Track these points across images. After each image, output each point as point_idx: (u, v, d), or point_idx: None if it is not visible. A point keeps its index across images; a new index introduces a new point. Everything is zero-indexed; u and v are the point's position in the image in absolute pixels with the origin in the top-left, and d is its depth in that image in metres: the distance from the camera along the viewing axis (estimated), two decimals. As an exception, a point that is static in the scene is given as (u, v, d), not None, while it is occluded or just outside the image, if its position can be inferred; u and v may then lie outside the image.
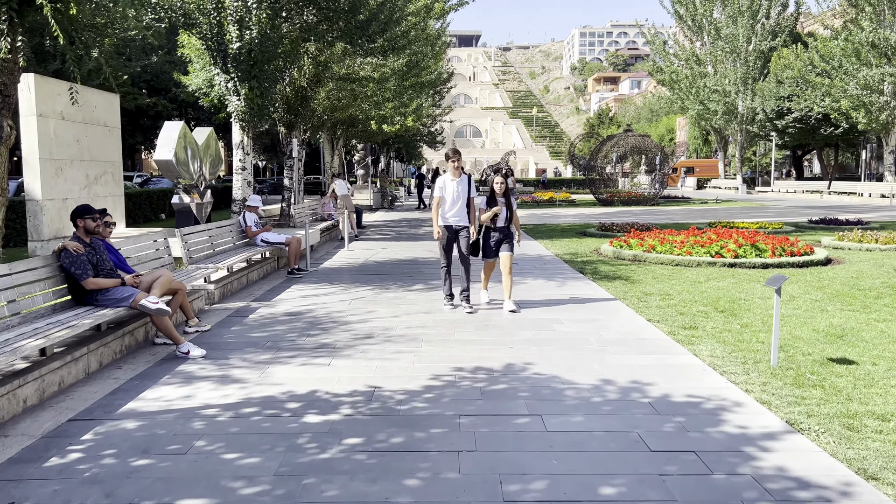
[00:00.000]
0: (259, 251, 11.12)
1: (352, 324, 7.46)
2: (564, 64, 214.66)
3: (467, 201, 8.11)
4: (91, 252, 5.98)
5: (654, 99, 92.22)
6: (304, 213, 16.54)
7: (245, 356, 6.16)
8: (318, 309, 8.30)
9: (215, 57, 14.71)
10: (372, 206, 31.07)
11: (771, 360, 5.73)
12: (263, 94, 15.19)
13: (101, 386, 5.34)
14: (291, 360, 6.00)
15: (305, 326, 7.34)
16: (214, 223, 10.53)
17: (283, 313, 8.07)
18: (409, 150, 55.57)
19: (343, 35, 16.40)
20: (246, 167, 15.33)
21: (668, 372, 5.59)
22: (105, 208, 6.62)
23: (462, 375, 5.50)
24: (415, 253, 14.10)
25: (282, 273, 11.41)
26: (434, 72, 33.81)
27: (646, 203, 32.19)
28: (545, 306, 8.33)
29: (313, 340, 6.72)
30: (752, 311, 8.04)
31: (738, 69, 46.58)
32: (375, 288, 9.81)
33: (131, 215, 22.10)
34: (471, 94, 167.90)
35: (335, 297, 9.07)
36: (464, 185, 8.09)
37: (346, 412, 4.68)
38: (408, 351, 6.29)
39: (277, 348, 6.43)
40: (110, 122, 14.25)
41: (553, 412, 4.66)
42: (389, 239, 17.27)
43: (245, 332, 7.10)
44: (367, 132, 29.73)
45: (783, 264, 11.63)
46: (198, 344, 6.56)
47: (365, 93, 21.97)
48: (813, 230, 18.50)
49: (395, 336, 6.88)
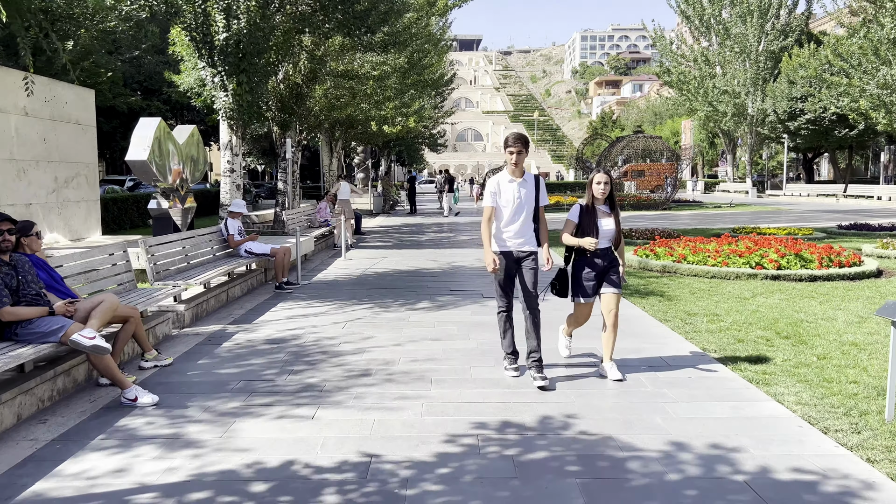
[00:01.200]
0: (243, 263, 9.83)
1: (345, 355, 6.16)
2: (566, 68, 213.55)
3: (535, 212, 5.33)
4: (9, 273, 4.68)
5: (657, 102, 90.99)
6: (296, 220, 15.23)
7: (208, 404, 4.86)
8: (305, 334, 7.00)
9: (200, 49, 13.47)
10: (372, 211, 29.79)
11: (886, 414, 4.42)
12: (253, 89, 13.95)
13: (10, 453, 4.04)
14: (265, 411, 4.70)
15: (288, 359, 6.04)
16: (190, 231, 9.24)
17: (263, 340, 6.77)
18: (411, 154, 54.30)
19: (340, 26, 15.14)
20: (235, 169, 14.08)
21: (755, 429, 4.29)
22: (32, 222, 5.31)
23: (486, 436, 4.20)
24: (418, 263, 12.80)
25: (269, 287, 10.11)
26: (436, 71, 32.59)
27: (657, 207, 30.90)
28: (576, 332, 7.02)
29: (296, 380, 5.41)
30: (821, 336, 6.74)
31: (747, 70, 45.35)
32: (374, 306, 8.51)
33: (116, 221, 20.83)
34: (472, 97, 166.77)
35: (327, 319, 7.76)
36: (529, 187, 5.26)
37: (330, 501, 3.38)
38: (413, 396, 4.99)
39: (250, 392, 5.13)
40: (84, 120, 12.97)
41: (619, 501, 3.36)
42: (390, 246, 15.98)
43: (214, 368, 5.80)
44: (367, 134, 28.48)
45: (833, 276, 10.34)
46: (154, 384, 5.27)
47: (364, 91, 20.70)
48: (844, 236, 17.20)
49: (397, 373, 5.58)
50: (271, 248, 10.00)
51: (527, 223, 5.26)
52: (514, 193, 5.22)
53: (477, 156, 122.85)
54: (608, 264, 5.41)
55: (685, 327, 7.18)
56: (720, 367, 5.68)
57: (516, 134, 5.22)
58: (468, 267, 12.13)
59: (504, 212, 5.24)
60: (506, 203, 5.23)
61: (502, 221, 5.25)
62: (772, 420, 4.46)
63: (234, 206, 10.07)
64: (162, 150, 11.02)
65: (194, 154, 12.14)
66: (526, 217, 5.25)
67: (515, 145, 5.17)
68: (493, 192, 5.26)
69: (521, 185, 5.24)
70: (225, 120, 13.83)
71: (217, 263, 9.17)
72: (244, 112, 13.84)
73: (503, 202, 5.24)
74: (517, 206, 5.21)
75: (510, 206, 5.21)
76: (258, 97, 14.46)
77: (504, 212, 5.24)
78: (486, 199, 5.27)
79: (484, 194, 5.34)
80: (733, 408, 4.69)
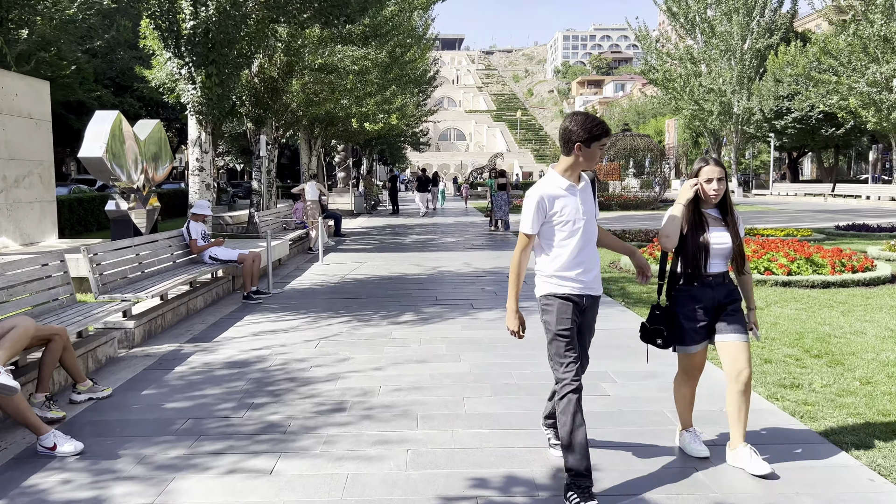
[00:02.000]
0: (208, 270, 8.90)
1: (316, 382, 5.28)
2: (548, 67, 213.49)
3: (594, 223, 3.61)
4: None
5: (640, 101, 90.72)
6: (270, 222, 14.29)
7: (145, 452, 3.97)
8: (272, 356, 6.10)
9: (166, 39, 12.49)
10: (353, 212, 28.85)
11: (975, 463, 3.63)
12: (224, 82, 13.00)
13: None
14: (214, 462, 3.81)
15: (249, 388, 5.15)
16: (146, 236, 8.30)
17: (223, 363, 5.87)
18: (393, 153, 53.35)
19: (318, 15, 14.22)
20: (204, 167, 13.11)
21: (816, 484, 3.48)
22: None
23: (487, 499, 3.35)
24: (401, 267, 11.93)
25: (236, 297, 9.19)
26: (419, 67, 31.73)
27: (645, 207, 30.26)
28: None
29: (255, 417, 4.53)
30: (856, 354, 5.97)
31: (733, 68, 44.90)
32: (352, 319, 7.63)
33: (82, 223, 19.75)
34: (454, 96, 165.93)
35: (298, 336, 6.87)
36: (587, 194, 3.50)
37: None
38: (396, 439, 4.12)
39: (199, 434, 4.24)
40: (37, 114, 11.94)
41: None
42: (371, 249, 15.09)
43: (160, 401, 4.90)
44: (348, 131, 27.53)
45: (847, 283, 9.62)
46: (83, 424, 4.38)
47: (344, 86, 19.77)
48: (844, 237, 16.59)
49: (376, 407, 4.71)
50: (239, 254, 9.09)
51: (595, 250, 3.55)
52: (575, 209, 3.41)
53: (460, 155, 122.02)
54: (725, 296, 3.70)
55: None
56: (753, 395, 4.87)
57: (580, 114, 3.39)
58: (455, 272, 11.28)
59: (564, 237, 3.41)
60: (565, 222, 3.40)
61: (562, 251, 3.42)
62: (835, 471, 3.65)
63: (198, 207, 9.13)
64: (120, 145, 10.06)
65: (157, 151, 11.17)
66: (593, 241, 3.54)
67: (588, 128, 3.33)
68: (538, 208, 3.38)
69: (580, 194, 3.44)
70: (193, 115, 12.87)
71: (177, 272, 8.23)
72: (214, 106, 12.89)
73: (561, 221, 3.40)
74: (585, 227, 3.43)
75: (573, 226, 3.41)
76: (229, 90, 13.50)
77: (564, 237, 3.41)
78: (526, 220, 3.44)
79: (526, 211, 3.43)
80: (782, 452, 3.87)
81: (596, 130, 3.34)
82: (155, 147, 11.12)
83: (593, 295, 3.56)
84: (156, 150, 11.13)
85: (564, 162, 3.43)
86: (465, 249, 14.69)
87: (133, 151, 10.43)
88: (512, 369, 5.59)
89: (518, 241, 3.54)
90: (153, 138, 11.13)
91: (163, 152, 11.37)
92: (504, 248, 14.88)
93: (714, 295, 3.69)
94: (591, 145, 3.35)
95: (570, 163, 3.41)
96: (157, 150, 11.15)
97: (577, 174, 3.43)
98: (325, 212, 17.21)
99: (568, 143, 3.38)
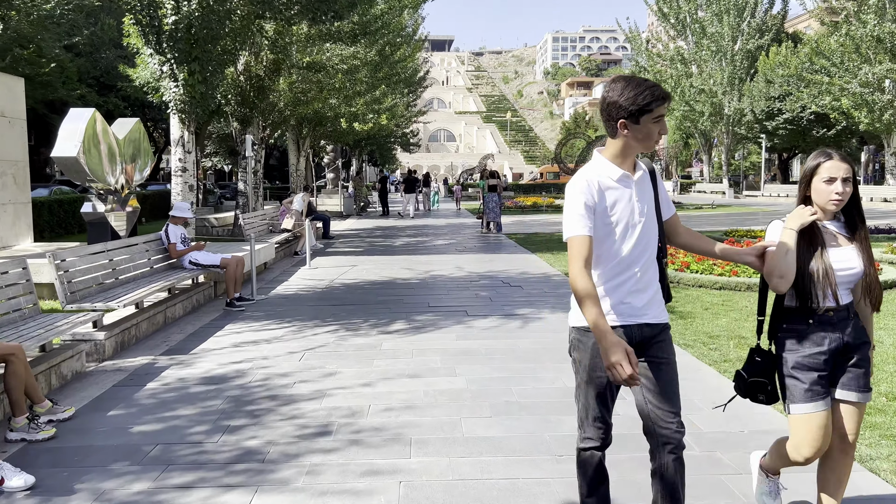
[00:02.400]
0: (189, 276, 8.46)
1: (300, 401, 4.85)
2: (537, 69, 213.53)
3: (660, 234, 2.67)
4: None
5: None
6: (256, 224, 13.82)
7: (104, 486, 3.53)
8: (252, 369, 5.67)
9: (147, 35, 12.03)
10: (342, 213, 28.38)
11: None
12: (207, 79, 12.55)
13: None
14: (182, 500, 3.38)
15: (227, 408, 4.71)
16: (121, 241, 7.84)
17: (199, 378, 5.43)
18: (383, 153, 52.86)
19: (305, 10, 13.77)
20: (188, 168, 12.64)
21: (862, 523, 3.09)
22: None
23: (492, 544, 2.94)
24: (391, 271, 11.51)
25: (218, 304, 8.74)
26: (409, 66, 31.33)
27: (638, 209, 29.94)
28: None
29: (232, 443, 4.10)
30: (878, 366, 5.59)
31: (724, 69, 44.77)
32: (340, 328, 7.20)
33: (63, 225, 19.19)
34: (444, 98, 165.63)
35: (282, 347, 6.44)
36: (645, 188, 2.63)
37: None
38: (387, 469, 3.70)
39: (167, 463, 3.80)
40: (11, 112, 11.43)
41: None
42: (361, 252, 14.65)
43: (128, 423, 4.46)
44: (337, 132, 27.03)
45: (854, 287, 9.27)
46: (39, 451, 3.94)
47: (333, 85, 19.31)
48: (842, 240, 16.30)
49: (365, 430, 4.29)
50: (221, 259, 8.63)
51: (654, 263, 2.62)
52: (632, 205, 2.56)
53: (450, 156, 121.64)
54: (852, 339, 2.78)
55: (712, 355, 6.00)
56: (777, 416, 4.49)
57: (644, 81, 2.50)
58: (448, 276, 10.87)
59: (611, 244, 2.55)
60: (615, 224, 2.54)
61: (607, 264, 2.57)
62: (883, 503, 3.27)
63: (177, 209, 8.67)
64: (97, 145, 9.58)
65: (136, 150, 10.69)
66: (653, 250, 2.61)
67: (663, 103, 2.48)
68: (588, 202, 2.50)
69: (636, 186, 2.58)
70: (176, 114, 12.41)
71: (154, 278, 7.77)
72: (197, 105, 12.44)
73: (610, 222, 2.53)
74: (643, 231, 2.56)
75: (624, 230, 2.54)
76: (213, 88, 13.06)
77: (611, 244, 2.55)
78: (574, 219, 2.50)
79: (572, 206, 2.52)
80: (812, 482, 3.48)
81: (644, 99, 2.43)
82: (133, 147, 10.63)
83: (651, 324, 2.58)
84: (134, 149, 10.65)
85: (612, 146, 2.57)
86: (457, 252, 14.28)
87: (110, 151, 9.95)
88: (511, 384, 5.18)
89: (571, 250, 2.47)
90: (132, 137, 10.64)
91: (142, 152, 10.88)
92: (497, 250, 14.48)
93: (836, 336, 2.76)
94: (642, 120, 2.46)
95: (619, 147, 2.54)
96: (136, 150, 10.66)
97: (630, 161, 2.57)
98: (313, 213, 16.76)
99: (610, 122, 2.53)
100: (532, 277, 10.56)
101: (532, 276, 10.65)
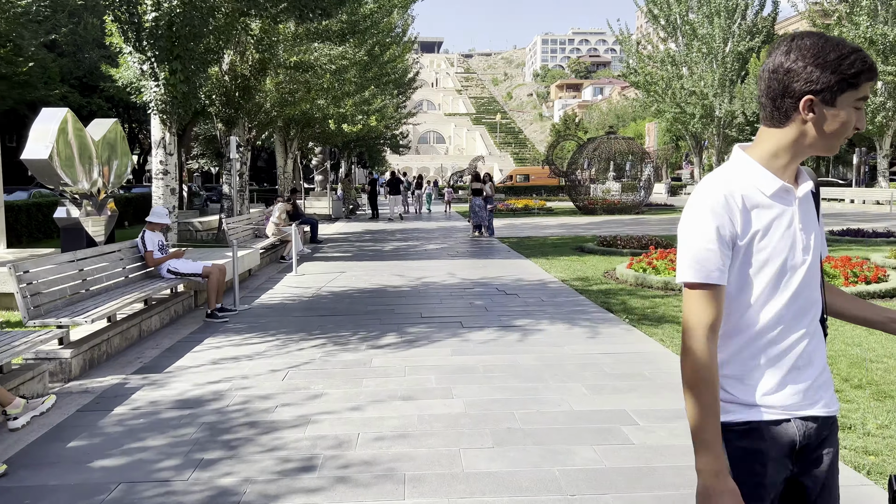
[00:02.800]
0: (167, 285, 7.98)
1: (282, 429, 4.41)
2: (527, 71, 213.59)
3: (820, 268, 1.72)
4: None
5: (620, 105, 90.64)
6: (240, 229, 13.33)
7: (53, 537, 3.08)
8: (231, 391, 5.22)
9: (127, 32, 11.56)
10: (331, 216, 27.88)
11: None
12: (189, 78, 12.08)
13: None
14: (141, 555, 2.94)
15: (200, 438, 4.27)
16: (92, 249, 7.36)
17: (172, 401, 4.97)
18: (372, 155, 52.38)
19: (292, 8, 13.32)
20: (169, 170, 12.18)
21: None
22: None
23: None
24: (382, 278, 11.06)
25: (199, 315, 8.27)
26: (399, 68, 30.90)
27: (630, 211, 29.64)
28: (590, 381, 5.39)
29: (203, 481, 3.65)
30: (903, 384, 5.23)
31: (715, 71, 44.61)
32: (327, 342, 6.75)
33: (41, 229, 18.61)
34: (434, 100, 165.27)
35: (264, 364, 5.99)
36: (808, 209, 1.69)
37: None
38: (379, 514, 3.28)
39: (128, 508, 3.36)
40: (-18, 112, 10.94)
41: None
42: (349, 257, 14.19)
43: (87, 457, 4.00)
44: (325, 133, 26.57)
45: (863, 294, 8.92)
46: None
47: (321, 85, 18.85)
48: (839, 242, 16.01)
49: (354, 464, 3.85)
50: (203, 267, 8.17)
51: (818, 326, 1.71)
52: (794, 234, 1.65)
53: (440, 158, 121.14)
54: None
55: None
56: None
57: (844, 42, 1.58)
58: (440, 284, 10.45)
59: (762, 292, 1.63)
60: (767, 261, 1.62)
61: (755, 323, 1.64)
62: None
63: (154, 214, 8.19)
64: (70, 147, 9.08)
65: (113, 152, 10.19)
66: (819, 307, 1.70)
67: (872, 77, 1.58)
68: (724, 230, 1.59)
69: (802, 206, 1.68)
70: (157, 114, 11.94)
71: (129, 289, 7.30)
72: (179, 105, 11.98)
73: (761, 259, 1.63)
74: (808, 273, 1.66)
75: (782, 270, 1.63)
76: (196, 88, 12.59)
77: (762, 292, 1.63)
78: (699, 256, 1.59)
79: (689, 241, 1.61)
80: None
81: (852, 67, 1.55)
82: (109, 148, 10.13)
83: (821, 416, 1.67)
84: (111, 151, 10.15)
85: (770, 140, 1.66)
86: (449, 257, 13.86)
87: (85, 153, 9.45)
88: (514, 408, 4.75)
89: (689, 304, 1.61)
90: (109, 139, 10.15)
91: (120, 154, 10.38)
92: (490, 255, 14.07)
93: None
94: (840, 100, 1.57)
95: (788, 141, 1.64)
96: (113, 152, 10.16)
97: (794, 167, 1.67)
98: (300, 217, 16.29)
99: (784, 99, 1.61)
100: (527, 284, 10.15)
101: (527, 283, 10.24)
